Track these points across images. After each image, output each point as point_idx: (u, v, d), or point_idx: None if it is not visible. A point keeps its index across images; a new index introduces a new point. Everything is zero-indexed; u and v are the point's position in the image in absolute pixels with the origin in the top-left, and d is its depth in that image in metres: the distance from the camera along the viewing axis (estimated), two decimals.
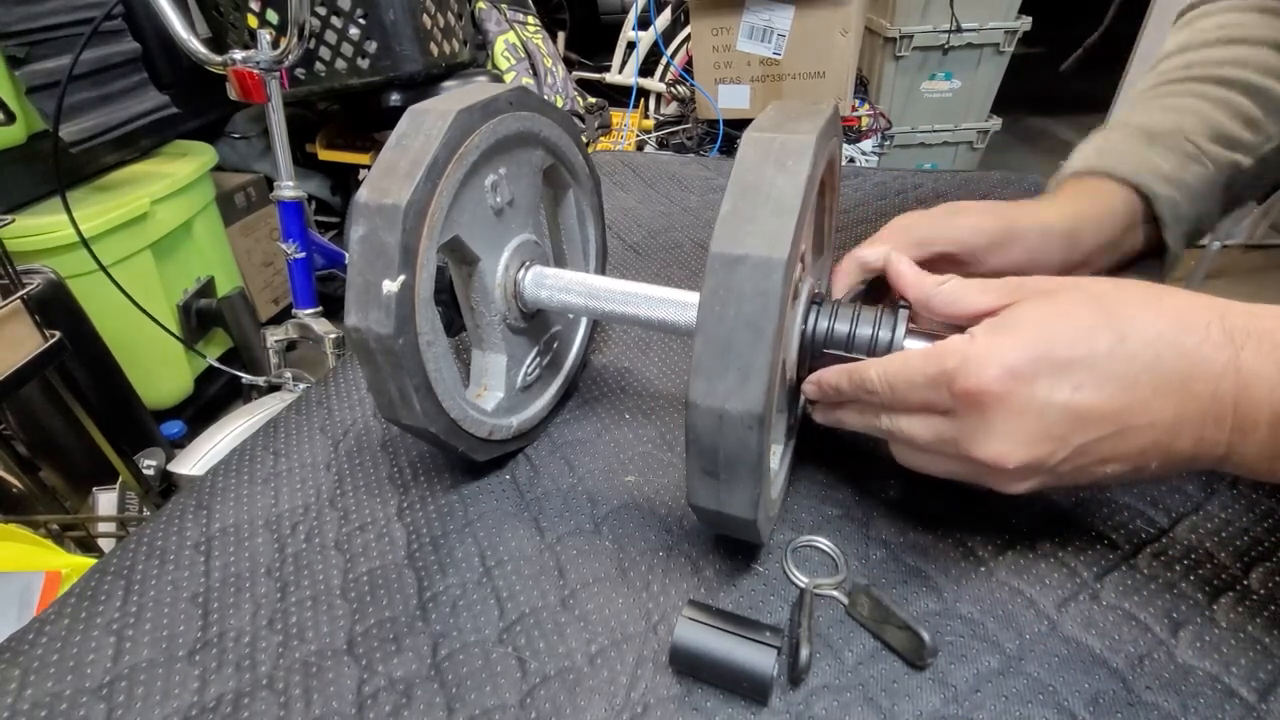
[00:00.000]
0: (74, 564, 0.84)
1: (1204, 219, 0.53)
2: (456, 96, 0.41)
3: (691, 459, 0.36)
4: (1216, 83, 0.52)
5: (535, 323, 0.52)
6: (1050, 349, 0.33)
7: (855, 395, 0.40)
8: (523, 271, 0.49)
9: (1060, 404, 0.32)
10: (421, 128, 0.40)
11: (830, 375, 0.41)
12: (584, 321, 0.60)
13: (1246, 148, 0.52)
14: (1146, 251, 0.53)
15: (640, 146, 2.31)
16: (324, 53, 1.61)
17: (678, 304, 0.46)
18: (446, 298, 0.48)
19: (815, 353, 0.42)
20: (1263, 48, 0.52)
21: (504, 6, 2.03)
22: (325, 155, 1.97)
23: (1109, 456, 0.34)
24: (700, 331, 0.33)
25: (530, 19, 2.15)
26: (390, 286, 0.38)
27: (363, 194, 0.39)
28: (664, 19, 2.29)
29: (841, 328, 0.41)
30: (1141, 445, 0.33)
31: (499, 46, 1.99)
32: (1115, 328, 0.33)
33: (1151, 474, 0.35)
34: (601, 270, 0.62)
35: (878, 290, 0.48)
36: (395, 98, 1.69)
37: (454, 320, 0.49)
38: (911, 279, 0.41)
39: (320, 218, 2.07)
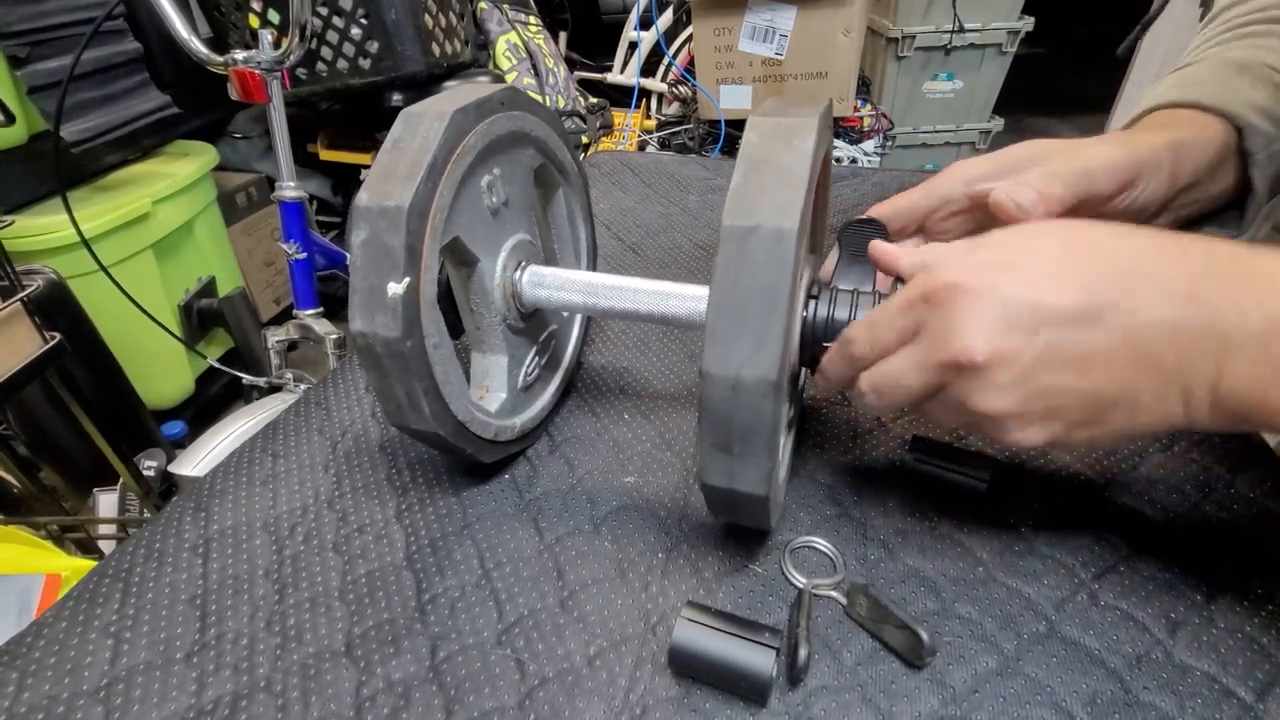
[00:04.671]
0: (74, 566, 0.84)
1: None
2: (449, 97, 0.42)
3: (704, 434, 0.36)
4: None
5: (533, 322, 0.52)
6: (1010, 254, 0.35)
7: (843, 357, 0.40)
8: (519, 271, 0.49)
9: (1019, 295, 0.33)
10: (418, 130, 0.40)
11: (827, 357, 0.41)
12: (579, 319, 0.60)
13: None
14: (1232, 197, 0.50)
15: (642, 147, 2.31)
16: (325, 53, 1.61)
17: (677, 296, 0.46)
18: (441, 294, 0.48)
19: (816, 339, 0.42)
20: None
21: (506, 7, 2.03)
22: (326, 155, 1.97)
23: (1078, 358, 0.32)
24: (714, 302, 0.34)
25: (532, 19, 2.15)
26: (396, 289, 0.38)
27: (363, 197, 0.39)
28: (666, 19, 2.29)
29: (841, 314, 0.42)
30: (1109, 344, 0.32)
31: (501, 47, 1.99)
32: (1068, 240, 0.35)
33: (1138, 416, 0.33)
34: (592, 268, 0.62)
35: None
36: (397, 98, 1.70)
37: (454, 323, 0.49)
38: (896, 252, 0.41)
39: (321, 218, 2.07)
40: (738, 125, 2.19)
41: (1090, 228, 0.35)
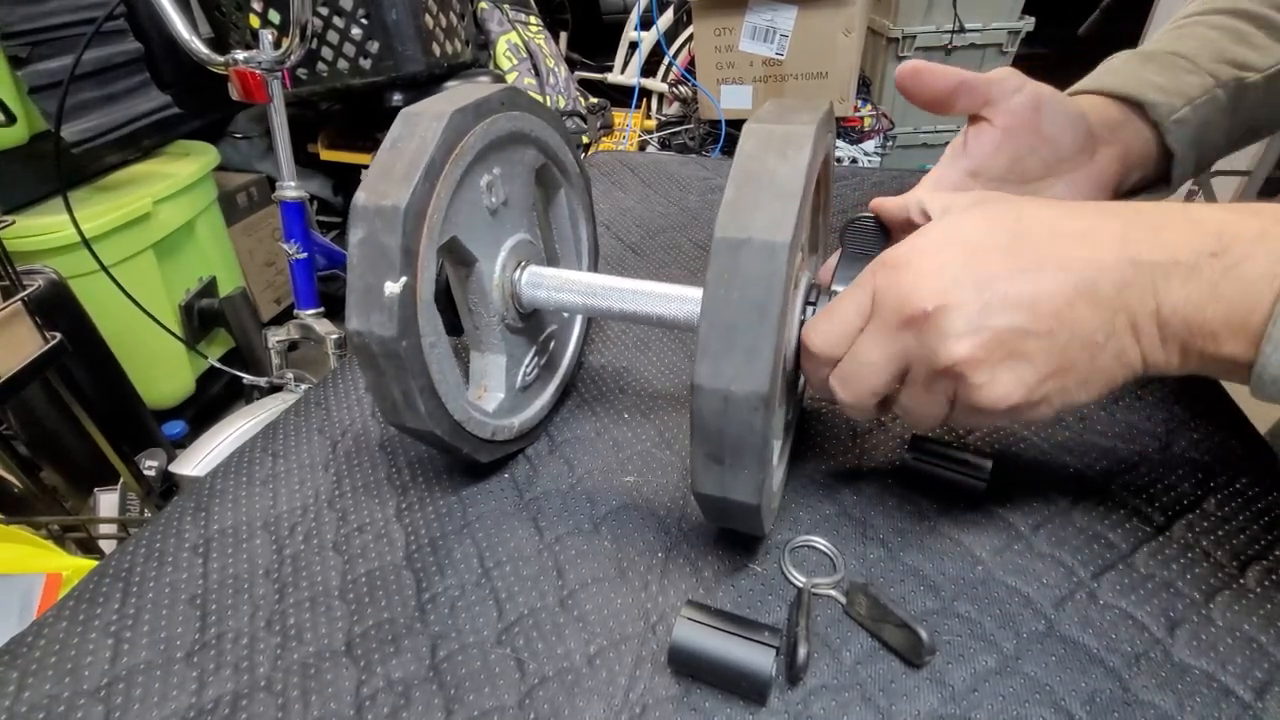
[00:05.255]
0: (75, 566, 0.84)
1: (1209, 129, 0.51)
2: (448, 98, 0.42)
3: (696, 444, 0.36)
4: (1224, 13, 0.53)
5: (532, 322, 0.52)
6: (947, 232, 0.36)
7: (807, 359, 0.40)
8: (519, 271, 0.49)
9: (961, 258, 0.35)
10: (416, 130, 0.40)
11: (802, 366, 0.42)
12: (579, 320, 0.60)
13: (1254, 67, 0.52)
14: (1158, 175, 0.53)
15: (643, 147, 2.31)
16: (326, 53, 1.61)
17: (676, 298, 0.46)
18: (440, 293, 0.48)
19: None
20: None
21: (506, 7, 2.03)
22: (327, 155, 1.97)
23: (1026, 298, 0.33)
24: (705, 315, 0.34)
25: (532, 19, 2.15)
26: (392, 288, 0.38)
27: (360, 197, 0.39)
28: (666, 19, 2.29)
29: None
30: (1047, 283, 0.33)
31: (501, 47, 1.99)
32: (997, 213, 0.37)
33: (1098, 358, 0.34)
34: (594, 269, 0.62)
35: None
36: (397, 98, 1.70)
37: (453, 322, 0.49)
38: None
39: (322, 217, 2.07)
40: (738, 125, 2.19)
41: (1016, 203, 0.37)
